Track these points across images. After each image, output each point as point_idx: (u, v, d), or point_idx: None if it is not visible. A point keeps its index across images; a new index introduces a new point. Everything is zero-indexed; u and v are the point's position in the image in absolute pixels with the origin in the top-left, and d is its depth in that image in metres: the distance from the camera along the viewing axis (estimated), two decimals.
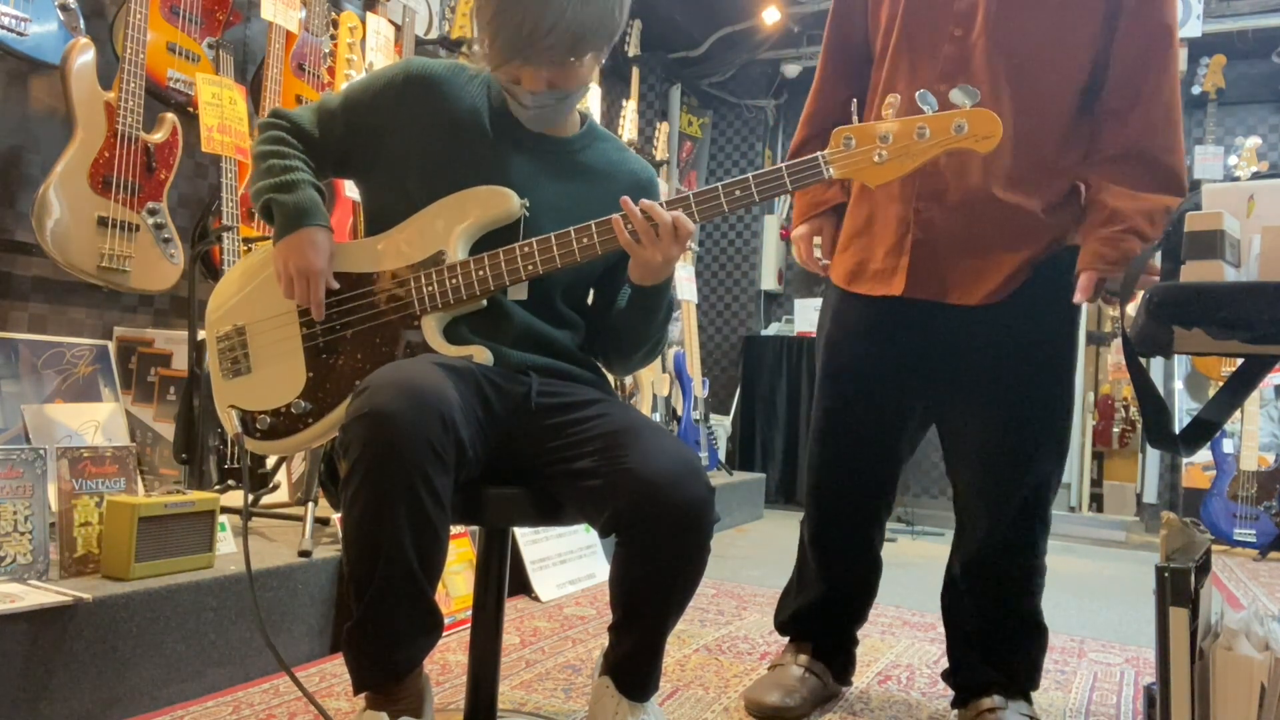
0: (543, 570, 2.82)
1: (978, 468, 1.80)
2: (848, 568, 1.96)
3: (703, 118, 6.04)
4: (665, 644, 1.44)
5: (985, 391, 1.76)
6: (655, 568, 1.34)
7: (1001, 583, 1.80)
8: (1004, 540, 1.78)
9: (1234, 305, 1.04)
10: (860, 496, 1.93)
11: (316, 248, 1.45)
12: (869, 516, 1.95)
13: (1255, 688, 1.13)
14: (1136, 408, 6.33)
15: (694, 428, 4.64)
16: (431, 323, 1.45)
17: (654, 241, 1.39)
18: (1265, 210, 1.16)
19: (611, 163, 1.58)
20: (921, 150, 1.36)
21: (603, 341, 1.61)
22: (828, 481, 1.94)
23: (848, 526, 1.95)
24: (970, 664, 1.84)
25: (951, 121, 1.35)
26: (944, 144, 1.36)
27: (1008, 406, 1.74)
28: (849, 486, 1.92)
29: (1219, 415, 1.33)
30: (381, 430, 1.22)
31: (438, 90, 1.49)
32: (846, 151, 1.38)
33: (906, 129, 1.36)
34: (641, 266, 1.43)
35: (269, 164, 1.49)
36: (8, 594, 1.57)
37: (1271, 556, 4.25)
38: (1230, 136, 5.01)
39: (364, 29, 3.08)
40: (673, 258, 1.41)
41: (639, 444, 1.34)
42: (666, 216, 1.38)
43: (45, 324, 2.48)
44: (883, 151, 1.37)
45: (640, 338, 1.57)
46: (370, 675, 1.34)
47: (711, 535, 1.36)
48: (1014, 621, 1.81)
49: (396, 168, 1.50)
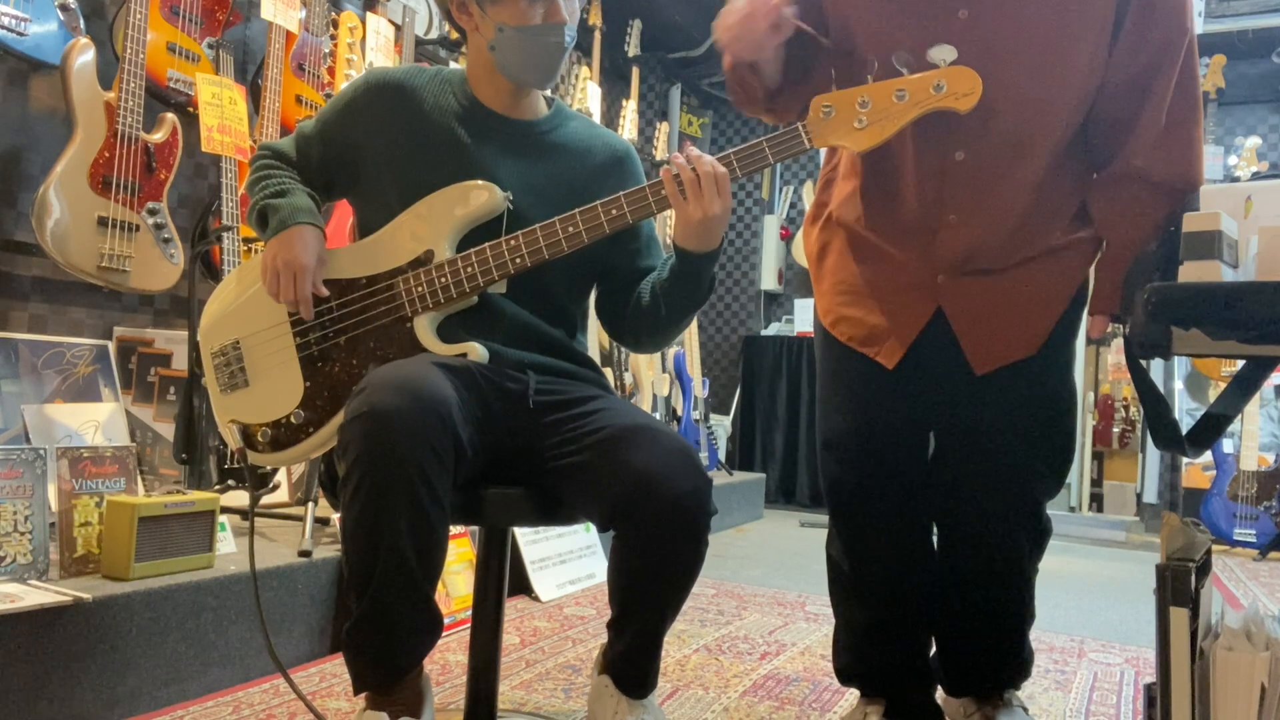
0: (543, 570, 2.83)
1: (976, 474, 1.64)
2: (899, 582, 1.71)
3: (703, 118, 6.04)
4: (663, 640, 1.43)
5: (982, 396, 1.62)
6: (652, 560, 1.34)
7: (991, 595, 1.67)
8: (999, 551, 1.65)
9: (1232, 305, 1.04)
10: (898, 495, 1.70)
11: (305, 243, 1.45)
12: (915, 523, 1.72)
13: (1255, 688, 1.12)
14: (1137, 408, 6.33)
15: (694, 428, 4.64)
16: (424, 323, 1.45)
17: (696, 192, 1.37)
18: (1262, 211, 1.16)
19: (585, 139, 1.59)
20: (901, 111, 1.36)
21: (634, 321, 1.57)
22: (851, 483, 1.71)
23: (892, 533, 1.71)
24: (956, 664, 1.76)
25: (930, 81, 1.35)
26: (924, 104, 1.35)
27: (1008, 411, 1.61)
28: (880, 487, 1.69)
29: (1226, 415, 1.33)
30: (380, 429, 1.22)
31: (399, 94, 1.51)
32: (826, 120, 1.38)
33: (885, 92, 1.36)
34: (684, 226, 1.41)
35: (262, 184, 1.51)
36: (8, 594, 1.57)
37: (1271, 556, 4.25)
38: (1230, 136, 5.01)
39: (364, 29, 3.09)
40: (714, 215, 1.38)
41: (636, 438, 1.34)
42: (701, 165, 1.37)
43: (45, 324, 2.48)
44: (862, 117, 1.37)
45: (677, 311, 1.51)
46: (370, 675, 1.35)
47: (709, 528, 1.35)
48: (1012, 621, 1.75)
49: (375, 178, 1.51)
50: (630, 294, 1.57)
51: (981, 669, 1.75)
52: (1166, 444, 1.32)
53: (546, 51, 1.45)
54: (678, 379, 4.68)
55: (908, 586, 1.69)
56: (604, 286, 1.63)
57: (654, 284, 1.53)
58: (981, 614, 1.69)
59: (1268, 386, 4.61)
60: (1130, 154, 1.49)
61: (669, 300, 1.50)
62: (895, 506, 1.66)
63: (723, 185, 1.37)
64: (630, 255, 1.59)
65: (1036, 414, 1.59)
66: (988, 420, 1.60)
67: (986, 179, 1.51)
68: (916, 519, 1.70)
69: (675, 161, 1.38)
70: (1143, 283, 1.20)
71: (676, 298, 1.49)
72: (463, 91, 1.54)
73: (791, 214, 6.11)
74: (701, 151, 1.42)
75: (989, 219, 1.53)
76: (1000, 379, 1.58)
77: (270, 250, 1.46)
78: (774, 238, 6.00)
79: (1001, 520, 1.63)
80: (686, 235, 1.42)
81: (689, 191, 1.37)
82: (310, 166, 1.55)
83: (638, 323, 1.56)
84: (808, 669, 2.24)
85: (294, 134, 1.58)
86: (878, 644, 1.71)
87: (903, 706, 1.71)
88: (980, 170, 1.50)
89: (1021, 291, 1.56)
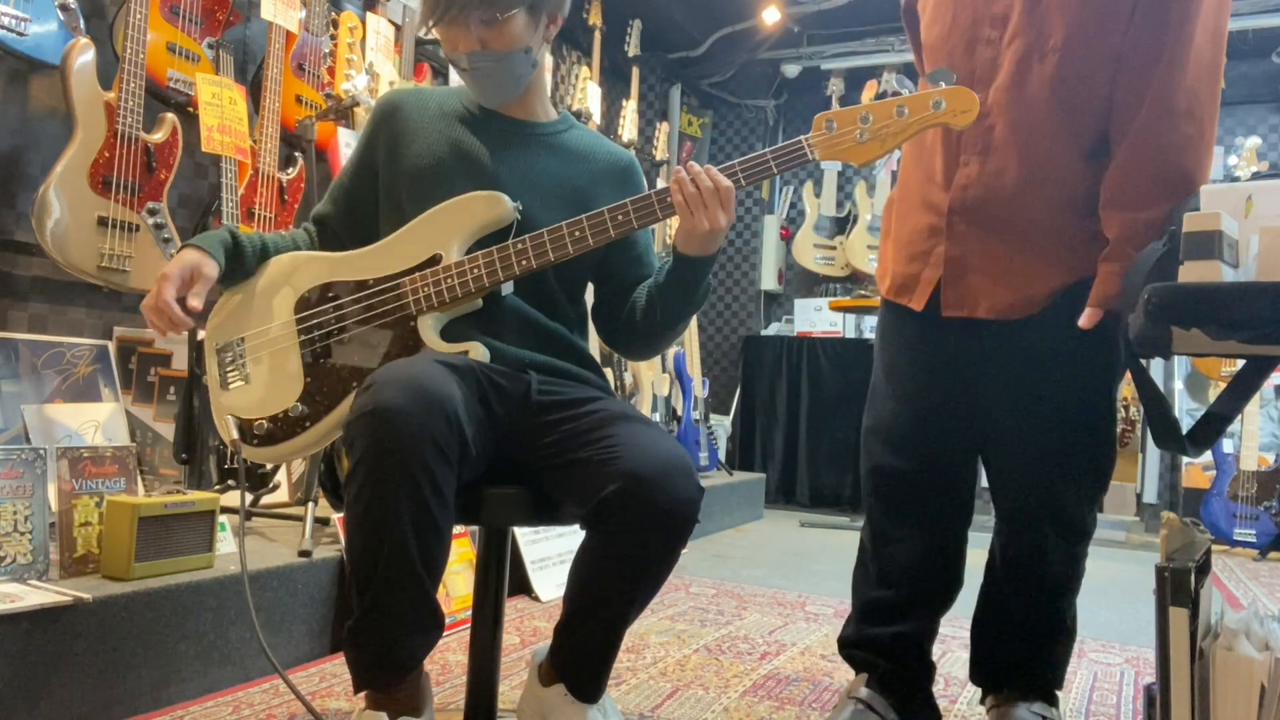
0: (543, 570, 2.83)
1: (1023, 476, 1.68)
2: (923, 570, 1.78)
3: (703, 118, 6.04)
4: (621, 644, 1.43)
5: (1027, 401, 1.65)
6: (634, 560, 1.34)
7: (1044, 591, 1.72)
8: (1052, 554, 1.70)
9: (1232, 306, 1.04)
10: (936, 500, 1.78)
11: (177, 260, 1.47)
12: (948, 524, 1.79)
13: (1255, 688, 1.12)
14: (1137, 407, 6.33)
15: (694, 428, 4.64)
16: (428, 323, 1.45)
17: (700, 206, 1.39)
18: (1263, 210, 1.16)
19: (589, 145, 1.62)
20: (901, 128, 1.41)
21: (629, 325, 1.59)
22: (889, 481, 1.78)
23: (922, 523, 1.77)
24: (993, 661, 1.79)
25: (929, 99, 1.40)
26: (923, 121, 1.41)
27: (1050, 415, 1.64)
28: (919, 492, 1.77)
29: (1227, 414, 1.33)
30: (386, 426, 1.22)
31: (403, 110, 1.57)
32: (829, 134, 1.43)
33: (885, 109, 1.41)
34: (686, 234, 1.43)
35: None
36: (8, 594, 1.57)
37: (1271, 556, 4.25)
38: (1230, 136, 5.01)
39: (364, 29, 3.09)
40: (719, 225, 1.40)
41: (634, 439, 1.34)
42: (707, 180, 1.40)
43: (45, 324, 2.48)
44: (864, 131, 1.41)
45: (673, 315, 1.53)
46: (371, 673, 1.35)
47: (690, 535, 1.36)
48: (1049, 626, 1.75)
49: (392, 194, 1.55)
50: (625, 300, 1.59)
51: (996, 658, 1.78)
52: (1167, 443, 1.32)
53: (472, 78, 1.50)
54: (678, 379, 4.68)
55: (924, 572, 1.75)
56: (600, 293, 1.65)
57: (650, 289, 1.55)
58: (1017, 599, 1.74)
59: (1268, 386, 4.61)
60: (1122, 141, 1.53)
61: (665, 304, 1.52)
62: (930, 494, 1.74)
63: (726, 198, 1.40)
64: (628, 262, 1.61)
65: (1060, 377, 1.62)
66: (1023, 411, 1.66)
67: (1008, 125, 1.58)
68: (954, 508, 1.77)
69: (679, 178, 1.41)
70: (1145, 282, 1.21)
71: (673, 301, 1.51)
72: (468, 97, 1.58)
73: (791, 214, 6.11)
74: (702, 157, 1.45)
75: (1000, 161, 1.60)
76: (1016, 339, 1.63)
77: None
78: (774, 238, 6.00)
79: (1023, 515, 1.69)
80: (689, 242, 1.44)
81: (692, 204, 1.40)
82: (353, 209, 1.61)
83: (632, 327, 1.58)
84: (808, 669, 2.24)
85: (330, 191, 1.66)
86: (882, 621, 1.76)
87: (896, 684, 1.75)
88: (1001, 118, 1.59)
89: (1018, 252, 1.61)
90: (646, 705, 1.91)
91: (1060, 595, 1.74)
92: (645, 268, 1.62)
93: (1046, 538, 1.69)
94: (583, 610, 1.39)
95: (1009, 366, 1.66)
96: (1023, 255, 1.61)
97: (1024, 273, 1.61)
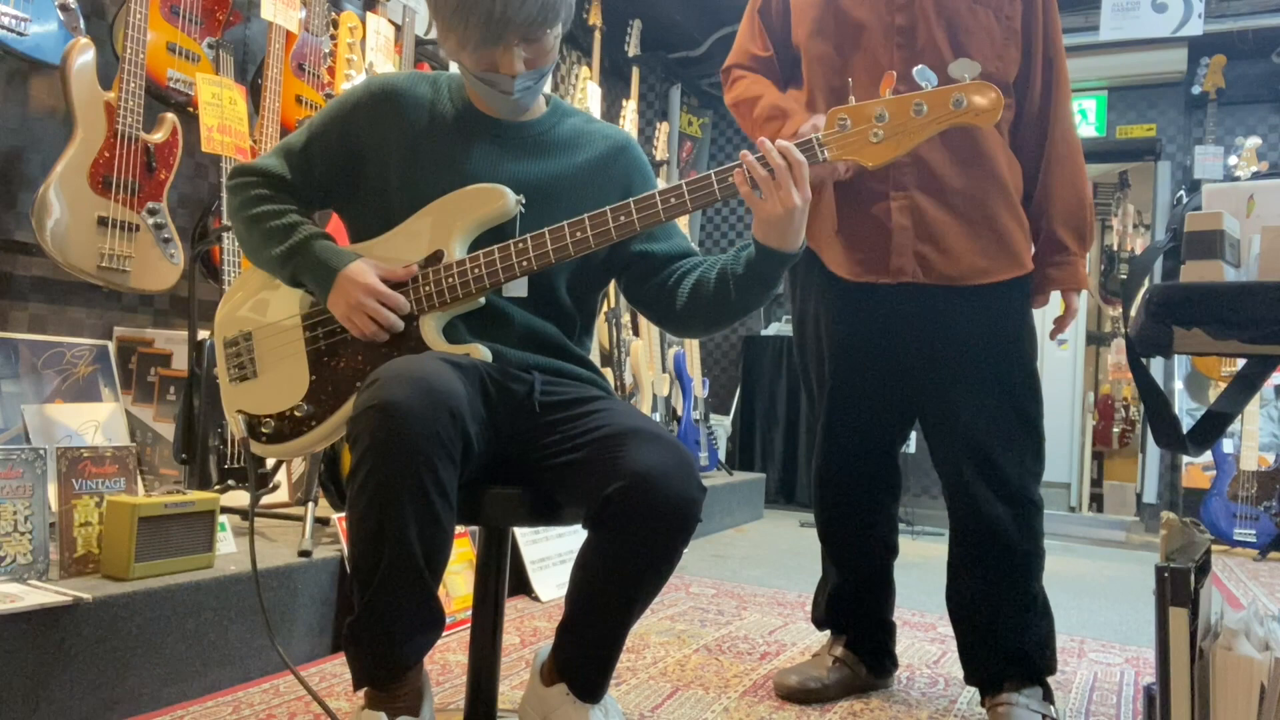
0: (543, 570, 2.83)
1: (965, 453, 1.82)
2: (860, 555, 2.03)
3: (703, 118, 6.04)
4: (624, 643, 1.42)
5: (968, 377, 1.82)
6: (638, 559, 1.33)
7: (1002, 565, 1.81)
8: (999, 522, 1.80)
9: (1233, 305, 1.04)
10: (863, 485, 2.01)
11: (356, 280, 1.42)
12: (874, 504, 2.02)
13: (1255, 688, 1.13)
14: (1137, 407, 6.33)
15: (694, 428, 4.63)
16: (430, 322, 1.45)
17: (771, 190, 1.34)
18: (1265, 210, 1.16)
19: (583, 133, 1.58)
20: (919, 127, 1.32)
21: (691, 304, 1.51)
22: (832, 473, 2.02)
23: (854, 515, 2.02)
24: (982, 656, 1.84)
25: (950, 96, 1.31)
26: (943, 120, 1.32)
27: (991, 392, 1.81)
28: (852, 477, 2.01)
29: (1227, 413, 1.33)
30: (391, 422, 1.22)
31: (402, 102, 1.50)
32: (842, 133, 1.35)
33: (903, 106, 1.32)
34: (764, 224, 1.38)
35: (265, 227, 1.47)
36: (8, 594, 1.57)
37: (1271, 556, 4.25)
38: (1230, 136, 5.01)
39: (364, 29, 3.09)
40: (794, 207, 1.34)
41: (635, 439, 1.34)
42: (779, 157, 1.33)
43: (45, 324, 2.48)
44: (879, 131, 1.33)
45: (739, 307, 1.48)
46: (371, 670, 1.34)
47: (692, 535, 1.36)
48: (1018, 602, 1.81)
49: (377, 188, 1.50)
50: (664, 277, 1.54)
51: (975, 648, 1.87)
52: (1167, 442, 1.32)
53: (498, 99, 1.45)
54: (678, 379, 4.68)
55: (865, 556, 2.04)
56: (633, 273, 1.58)
57: (724, 271, 1.48)
58: (981, 581, 1.86)
59: (1268, 386, 4.61)
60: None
61: (741, 290, 1.46)
62: (855, 489, 2.01)
63: (799, 175, 1.33)
64: (654, 238, 1.56)
65: (999, 353, 1.82)
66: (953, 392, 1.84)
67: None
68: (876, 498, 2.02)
69: (747, 160, 1.34)
70: (1141, 280, 1.23)
71: (751, 291, 1.46)
72: (459, 97, 1.53)
73: None
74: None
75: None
76: (963, 309, 1.81)
77: (336, 310, 1.44)
78: None
79: (965, 483, 1.84)
80: (768, 233, 1.39)
81: (763, 187, 1.34)
82: (310, 182, 1.52)
83: (695, 306, 1.51)
84: None
85: (279, 149, 1.54)
86: (845, 601, 2.06)
87: (863, 646, 2.05)
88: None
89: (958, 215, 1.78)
90: (646, 705, 1.91)
91: (1021, 571, 1.81)
92: (674, 240, 1.57)
93: (994, 504, 1.80)
94: (585, 610, 1.39)
95: (953, 341, 1.83)
96: (961, 228, 1.79)
97: (966, 246, 1.78)
